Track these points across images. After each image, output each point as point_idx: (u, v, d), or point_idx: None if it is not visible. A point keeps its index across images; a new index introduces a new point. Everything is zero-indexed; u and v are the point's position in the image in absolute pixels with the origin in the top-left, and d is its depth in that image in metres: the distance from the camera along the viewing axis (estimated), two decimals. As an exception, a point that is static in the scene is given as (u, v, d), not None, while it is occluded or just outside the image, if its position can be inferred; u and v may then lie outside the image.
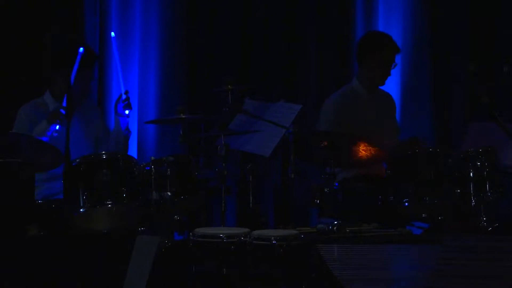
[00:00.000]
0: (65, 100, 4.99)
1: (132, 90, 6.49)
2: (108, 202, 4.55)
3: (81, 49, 4.92)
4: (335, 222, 4.47)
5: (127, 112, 5.23)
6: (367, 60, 5.61)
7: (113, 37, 5.19)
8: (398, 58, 5.71)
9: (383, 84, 5.69)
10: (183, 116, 4.75)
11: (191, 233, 4.10)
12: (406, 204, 4.90)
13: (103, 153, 4.73)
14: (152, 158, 4.63)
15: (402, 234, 4.61)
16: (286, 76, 6.67)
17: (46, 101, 5.29)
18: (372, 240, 4.47)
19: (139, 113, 6.45)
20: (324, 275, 3.98)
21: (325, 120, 5.52)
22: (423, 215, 4.94)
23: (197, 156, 5.01)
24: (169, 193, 4.53)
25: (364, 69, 5.64)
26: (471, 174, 4.81)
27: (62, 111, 4.99)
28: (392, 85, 5.98)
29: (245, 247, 4.02)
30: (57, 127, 4.99)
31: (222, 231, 4.10)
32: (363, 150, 4.85)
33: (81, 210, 4.52)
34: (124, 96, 5.18)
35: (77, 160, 4.58)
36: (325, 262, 3.99)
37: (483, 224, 4.70)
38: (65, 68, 4.95)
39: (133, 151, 6.32)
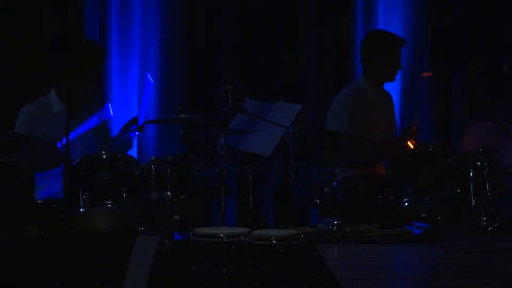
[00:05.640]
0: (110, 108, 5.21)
1: (132, 90, 6.50)
2: (108, 202, 4.55)
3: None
4: (335, 222, 4.47)
5: (137, 133, 5.31)
6: (376, 60, 5.61)
7: (150, 81, 5.21)
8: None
9: (393, 80, 5.72)
10: (183, 116, 4.75)
11: (191, 233, 4.10)
12: (406, 204, 4.89)
13: (103, 153, 4.72)
14: (152, 158, 4.63)
15: (402, 234, 4.62)
16: (286, 76, 6.66)
17: (51, 100, 5.25)
18: (372, 240, 4.47)
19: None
20: (324, 275, 3.98)
21: (339, 118, 5.49)
22: (423, 215, 4.94)
23: (197, 156, 5.00)
24: (169, 193, 4.53)
25: (373, 68, 5.64)
26: (471, 174, 4.81)
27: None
28: (392, 85, 5.97)
29: (245, 247, 4.02)
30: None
31: (222, 231, 4.10)
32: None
33: (81, 210, 4.52)
34: (141, 121, 5.25)
35: (77, 160, 4.58)
36: (325, 262, 3.99)
37: (483, 224, 4.70)
38: (69, 67, 4.95)
39: (133, 151, 6.30)
